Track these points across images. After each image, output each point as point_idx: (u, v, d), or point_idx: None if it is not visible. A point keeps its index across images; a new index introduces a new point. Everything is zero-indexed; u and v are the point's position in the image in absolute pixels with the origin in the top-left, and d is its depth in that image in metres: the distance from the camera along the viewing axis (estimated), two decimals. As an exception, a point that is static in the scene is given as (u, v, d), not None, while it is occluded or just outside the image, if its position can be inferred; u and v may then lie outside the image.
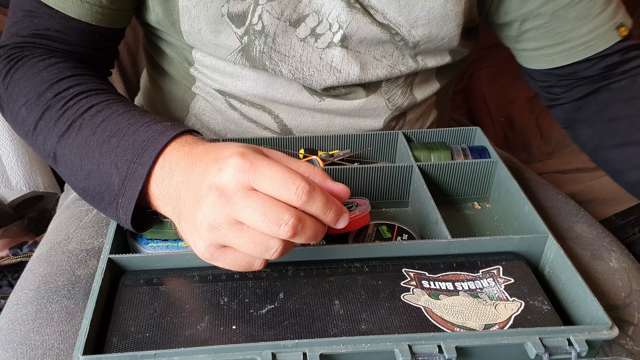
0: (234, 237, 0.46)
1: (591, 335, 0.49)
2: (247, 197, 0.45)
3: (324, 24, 0.68)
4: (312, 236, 0.47)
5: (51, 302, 0.58)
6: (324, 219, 0.47)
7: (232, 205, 0.45)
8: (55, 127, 0.59)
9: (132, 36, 1.03)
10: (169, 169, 0.52)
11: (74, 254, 0.64)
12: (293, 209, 0.45)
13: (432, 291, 0.55)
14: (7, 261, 0.98)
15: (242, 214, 0.45)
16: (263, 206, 0.44)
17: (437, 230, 0.62)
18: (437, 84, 0.80)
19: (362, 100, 0.75)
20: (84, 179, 0.57)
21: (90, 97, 0.60)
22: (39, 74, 0.62)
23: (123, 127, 0.56)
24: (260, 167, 0.45)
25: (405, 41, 0.70)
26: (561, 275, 0.57)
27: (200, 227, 0.47)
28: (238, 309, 0.52)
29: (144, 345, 0.49)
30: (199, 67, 0.75)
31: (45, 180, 1.04)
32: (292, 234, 0.45)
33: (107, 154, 0.55)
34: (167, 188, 0.52)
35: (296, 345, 0.47)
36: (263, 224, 0.44)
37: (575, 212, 0.74)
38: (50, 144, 0.60)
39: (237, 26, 0.68)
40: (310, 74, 0.71)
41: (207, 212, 0.46)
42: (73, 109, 0.59)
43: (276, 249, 0.46)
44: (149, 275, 0.56)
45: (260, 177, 0.45)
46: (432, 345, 0.48)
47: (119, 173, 0.54)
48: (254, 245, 0.46)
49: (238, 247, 0.47)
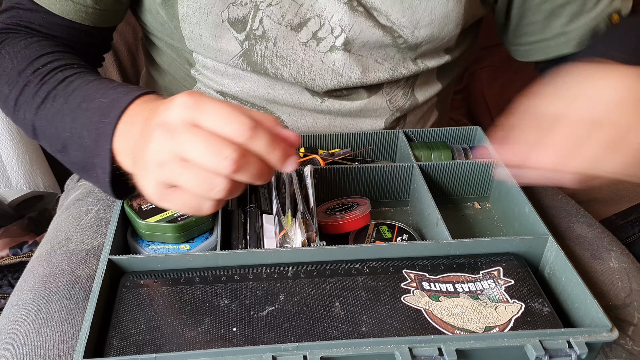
0: (179, 174, 0.45)
1: (591, 338, 0.49)
2: (190, 131, 0.45)
3: (326, 27, 0.68)
4: (256, 174, 0.46)
5: (51, 303, 0.58)
6: (268, 158, 0.46)
7: (175, 139, 0.45)
8: (33, 101, 0.61)
9: (132, 36, 1.03)
10: (131, 123, 0.53)
11: (73, 254, 0.64)
12: (236, 145, 0.44)
13: (432, 293, 0.55)
14: (7, 261, 0.98)
15: (185, 148, 0.44)
16: (205, 140, 0.44)
17: (438, 231, 0.62)
18: (438, 84, 0.80)
19: (363, 101, 0.75)
20: (62, 147, 0.59)
21: (66, 70, 0.62)
22: (21, 52, 0.64)
23: (92, 93, 0.57)
24: (205, 104, 0.45)
25: (407, 43, 0.70)
26: (561, 277, 0.57)
27: (148, 166, 0.47)
28: (238, 311, 0.52)
29: (144, 347, 0.49)
30: (200, 68, 0.75)
31: (45, 180, 1.04)
32: (234, 168, 0.44)
33: (78, 119, 0.57)
34: (128, 141, 0.52)
35: (297, 348, 0.47)
36: (205, 158, 0.44)
37: (575, 212, 0.74)
38: (29, 117, 0.61)
39: (237, 31, 0.68)
40: (311, 78, 0.71)
41: (153, 149, 0.46)
42: (49, 82, 0.61)
43: (221, 187, 0.45)
44: (149, 276, 0.56)
45: (205, 113, 0.45)
46: (433, 347, 0.48)
47: (89, 134, 0.55)
48: (199, 183, 0.45)
49: (184, 185, 0.46)
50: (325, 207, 0.68)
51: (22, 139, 1.00)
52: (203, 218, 0.60)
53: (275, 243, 0.60)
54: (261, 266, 0.57)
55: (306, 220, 0.61)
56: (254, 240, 0.60)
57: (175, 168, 0.45)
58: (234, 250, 0.57)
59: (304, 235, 0.59)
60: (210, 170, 0.45)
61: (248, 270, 0.56)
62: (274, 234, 0.61)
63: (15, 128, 0.99)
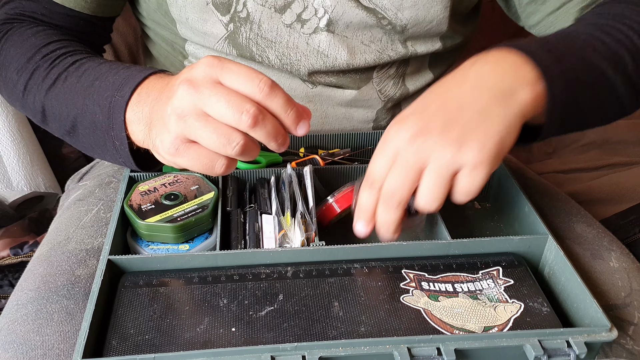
0: (198, 127, 0.48)
1: (590, 337, 0.49)
2: (214, 87, 0.48)
3: (310, 9, 0.68)
4: (272, 132, 0.49)
5: (51, 302, 0.58)
6: (284, 118, 0.49)
7: (199, 94, 0.48)
8: (43, 83, 0.62)
9: (132, 36, 1.03)
10: (146, 94, 0.56)
11: (73, 254, 0.64)
12: (256, 102, 0.48)
13: (431, 292, 0.55)
14: (7, 261, 0.98)
15: (208, 102, 0.48)
16: (228, 95, 0.47)
17: (437, 231, 0.62)
18: (430, 74, 0.80)
19: (353, 91, 0.75)
20: (71, 126, 0.61)
21: (75, 54, 0.64)
22: (28, 40, 0.66)
23: (104, 72, 0.60)
24: (228, 64, 0.49)
25: (392, 25, 0.70)
26: (561, 277, 0.57)
27: (169, 119, 0.50)
28: (237, 311, 0.52)
29: (143, 347, 0.49)
30: (193, 60, 0.76)
31: (46, 180, 1.04)
32: (252, 122, 0.47)
33: (90, 95, 0.59)
34: (142, 110, 0.55)
35: (295, 348, 0.47)
36: (226, 112, 0.47)
37: (575, 211, 0.74)
38: (39, 99, 0.63)
39: (222, 14, 0.69)
40: (297, 59, 0.71)
41: (176, 102, 0.49)
42: (59, 65, 0.63)
43: (237, 142, 0.48)
44: (149, 276, 0.56)
45: (227, 72, 0.48)
46: (431, 347, 0.48)
47: (101, 109, 0.57)
48: (217, 137, 0.48)
49: (202, 140, 0.49)
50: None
51: (23, 140, 1.01)
52: (203, 218, 0.60)
53: (274, 243, 0.60)
54: (260, 266, 0.57)
55: (305, 220, 0.61)
56: (253, 240, 0.60)
57: (196, 121, 0.48)
58: (233, 251, 0.57)
59: (303, 235, 0.59)
60: (230, 124, 0.48)
61: (247, 270, 0.57)
62: (273, 234, 0.61)
63: (16, 128, 0.99)
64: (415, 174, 0.50)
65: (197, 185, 0.64)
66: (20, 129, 1.01)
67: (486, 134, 0.49)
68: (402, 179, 0.50)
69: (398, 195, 0.50)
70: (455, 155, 0.49)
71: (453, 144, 0.49)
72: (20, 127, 1.01)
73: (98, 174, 0.80)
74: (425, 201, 0.50)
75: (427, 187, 0.50)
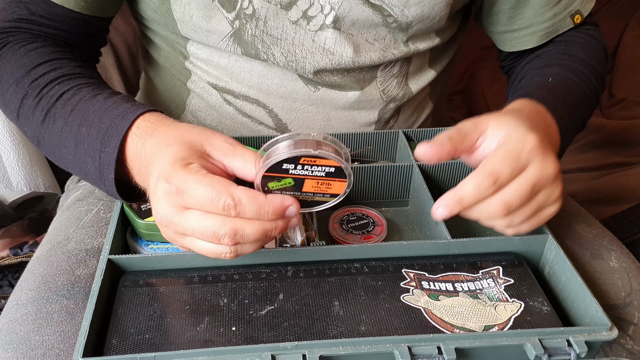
0: (189, 244, 0.50)
1: (591, 337, 0.49)
2: (183, 219, 0.48)
3: (316, 6, 0.68)
4: (259, 239, 0.49)
5: (51, 302, 0.58)
6: (264, 224, 0.48)
7: (174, 226, 0.49)
8: (34, 116, 0.63)
9: (132, 37, 1.03)
10: (135, 151, 0.55)
11: (73, 254, 0.64)
12: (230, 219, 0.47)
13: (431, 292, 0.55)
14: (7, 261, 0.98)
15: (185, 232, 0.49)
16: (199, 226, 0.47)
17: (437, 230, 0.62)
18: (431, 72, 0.80)
19: (357, 92, 0.75)
20: (68, 165, 0.63)
21: (62, 83, 0.63)
22: (20, 60, 0.66)
23: (89, 115, 0.59)
24: (185, 188, 0.47)
25: (398, 22, 0.70)
26: (561, 276, 0.57)
27: (158, 224, 0.51)
28: (238, 310, 0.52)
29: (143, 347, 0.49)
30: (194, 60, 0.76)
31: (45, 180, 1.04)
32: (232, 244, 0.48)
33: (81, 144, 0.59)
34: (137, 170, 0.56)
35: (296, 347, 0.47)
36: (205, 242, 0.49)
37: (575, 211, 0.74)
38: (32, 131, 0.64)
39: (227, 11, 0.68)
40: (302, 56, 0.71)
41: (160, 225, 0.51)
42: (46, 97, 0.62)
43: (227, 252, 0.49)
44: (149, 276, 0.56)
45: (188, 198, 0.47)
46: (432, 346, 0.48)
47: (93, 163, 0.58)
48: (207, 252, 0.49)
49: (196, 251, 0.50)
50: (336, 216, 0.68)
51: (23, 140, 1.01)
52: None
53: (274, 242, 0.60)
54: (260, 265, 0.57)
55: (305, 220, 0.61)
56: (254, 239, 0.60)
57: (185, 241, 0.50)
58: (234, 250, 0.57)
59: (303, 235, 0.59)
60: (212, 253, 0.49)
61: (247, 270, 0.57)
62: (273, 233, 0.61)
63: (15, 129, 0.99)
64: (532, 196, 0.53)
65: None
66: (20, 130, 1.01)
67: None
68: (523, 197, 0.52)
69: (510, 209, 0.52)
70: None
71: (559, 190, 0.55)
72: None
73: (98, 174, 0.80)
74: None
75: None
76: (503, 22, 0.79)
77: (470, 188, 0.51)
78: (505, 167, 0.51)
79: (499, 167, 0.51)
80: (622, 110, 1.34)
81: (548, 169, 0.52)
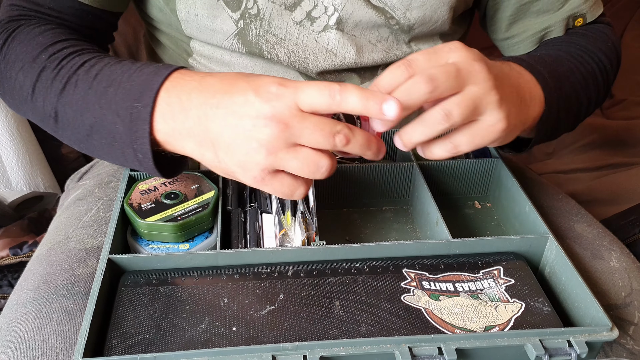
0: (290, 159, 0.49)
1: (591, 337, 0.49)
2: (303, 119, 0.48)
3: (320, 7, 0.68)
4: (365, 143, 0.49)
5: (51, 302, 0.58)
6: (366, 111, 0.48)
7: (291, 129, 0.48)
8: (52, 87, 0.59)
9: (132, 36, 1.03)
10: (179, 105, 0.52)
11: (73, 253, 0.64)
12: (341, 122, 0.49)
13: (432, 292, 0.55)
14: (7, 261, 0.98)
15: (302, 135, 0.48)
16: (319, 123, 0.48)
17: (438, 230, 0.62)
18: None
19: None
20: (87, 135, 0.58)
21: (83, 55, 0.61)
22: (35, 39, 0.63)
23: (117, 77, 0.56)
24: (301, 87, 0.48)
25: (400, 25, 0.71)
26: (561, 276, 0.57)
27: (256, 153, 0.49)
28: (238, 310, 0.52)
29: (143, 347, 0.49)
30: (197, 57, 0.76)
31: (45, 180, 1.04)
32: (345, 142, 0.48)
33: (107, 105, 0.55)
34: (182, 123, 0.52)
35: (296, 347, 0.47)
36: (322, 139, 0.48)
37: (575, 211, 0.74)
38: (50, 103, 0.60)
39: (232, 10, 0.69)
40: (306, 57, 0.71)
41: (266, 140, 0.48)
42: (67, 67, 0.59)
43: (325, 167, 0.49)
44: (149, 275, 0.56)
45: (301, 94, 0.48)
46: (432, 347, 0.48)
47: (122, 121, 0.54)
48: (307, 164, 0.49)
49: (292, 169, 0.49)
50: None
51: (22, 140, 1.00)
52: (203, 217, 0.60)
53: (275, 242, 0.60)
54: (261, 265, 0.57)
55: (306, 220, 0.61)
56: (254, 239, 0.60)
57: (287, 154, 0.49)
58: (234, 250, 0.57)
59: (303, 235, 0.59)
60: (325, 148, 0.49)
61: (248, 270, 0.56)
62: (273, 233, 0.61)
63: (15, 128, 0.99)
64: (460, 82, 0.50)
65: (198, 184, 0.64)
66: (20, 129, 1.01)
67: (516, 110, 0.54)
68: (450, 77, 0.49)
69: (436, 84, 0.49)
70: (490, 95, 0.51)
71: (495, 90, 0.51)
72: (19, 127, 1.01)
73: (98, 173, 0.80)
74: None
75: (455, 101, 0.50)
76: (502, 29, 0.79)
77: (383, 75, 0.51)
78: (420, 55, 0.51)
79: (414, 56, 0.51)
80: (622, 110, 1.34)
81: (471, 56, 0.51)
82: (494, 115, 0.51)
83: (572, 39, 0.75)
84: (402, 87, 0.49)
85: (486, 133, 0.52)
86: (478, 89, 0.50)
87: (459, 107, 0.49)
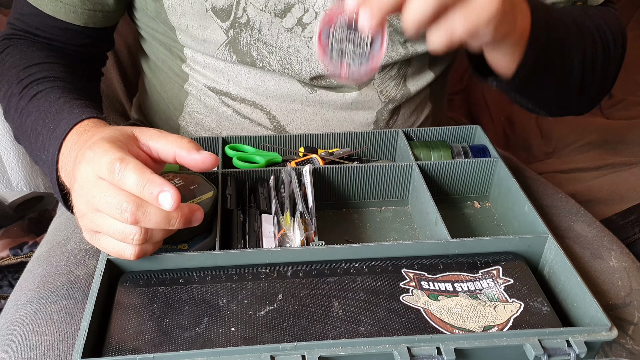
0: (99, 224, 0.50)
1: (590, 337, 0.49)
2: (96, 185, 0.49)
3: (310, 13, 0.68)
4: (162, 220, 0.48)
5: (50, 303, 0.58)
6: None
7: (86, 193, 0.49)
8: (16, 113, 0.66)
9: (132, 37, 1.03)
10: (65, 161, 0.58)
11: (72, 254, 0.64)
12: (134, 196, 0.48)
13: (431, 292, 0.55)
14: (7, 261, 0.98)
15: (94, 201, 0.49)
16: (107, 194, 0.48)
17: (437, 230, 0.62)
18: (430, 74, 0.80)
19: (354, 93, 0.75)
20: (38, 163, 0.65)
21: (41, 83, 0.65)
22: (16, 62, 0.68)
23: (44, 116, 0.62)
24: (101, 156, 0.49)
25: (393, 26, 0.70)
26: (561, 276, 0.57)
27: (76, 215, 0.53)
28: (237, 311, 0.52)
29: (142, 347, 0.49)
30: (191, 63, 0.76)
31: (45, 181, 1.04)
32: (132, 220, 0.47)
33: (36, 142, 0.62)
34: (66, 179, 0.58)
35: (295, 347, 0.47)
36: (110, 211, 0.48)
37: (575, 211, 0.74)
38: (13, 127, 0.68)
39: (222, 20, 0.69)
40: (298, 64, 0.71)
41: (75, 202, 0.52)
42: (25, 96, 0.65)
43: (136, 235, 0.49)
44: (148, 276, 0.56)
45: (101, 165, 0.48)
46: (431, 347, 0.48)
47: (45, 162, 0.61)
48: (115, 232, 0.49)
49: (105, 232, 0.50)
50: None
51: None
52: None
53: (274, 242, 0.60)
54: (260, 266, 0.57)
55: (305, 220, 0.61)
56: (253, 239, 0.60)
57: (94, 218, 0.50)
58: (233, 250, 0.57)
59: (302, 235, 0.59)
60: (121, 224, 0.49)
61: (247, 270, 0.56)
62: (272, 233, 0.61)
63: (15, 129, 0.99)
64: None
65: (197, 184, 0.64)
66: (20, 130, 1.01)
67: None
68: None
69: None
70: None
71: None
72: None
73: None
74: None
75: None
76: None
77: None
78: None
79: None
80: (622, 110, 1.34)
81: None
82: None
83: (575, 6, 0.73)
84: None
85: (480, 8, 0.48)
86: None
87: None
